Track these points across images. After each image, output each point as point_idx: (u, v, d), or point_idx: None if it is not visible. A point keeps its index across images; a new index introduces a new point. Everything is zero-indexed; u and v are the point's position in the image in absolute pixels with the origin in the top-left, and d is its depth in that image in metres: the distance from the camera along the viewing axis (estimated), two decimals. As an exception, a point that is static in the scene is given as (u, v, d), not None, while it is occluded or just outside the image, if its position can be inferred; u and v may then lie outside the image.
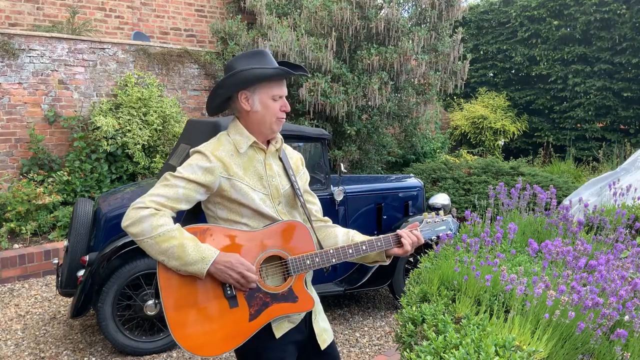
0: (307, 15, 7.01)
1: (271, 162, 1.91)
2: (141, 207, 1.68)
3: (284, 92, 1.87)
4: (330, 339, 1.99)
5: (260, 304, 1.74)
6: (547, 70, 11.08)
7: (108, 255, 3.45)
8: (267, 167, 1.88)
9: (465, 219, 2.98)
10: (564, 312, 1.85)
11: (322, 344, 1.94)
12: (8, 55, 6.28)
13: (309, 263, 1.80)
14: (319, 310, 2.00)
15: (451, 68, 7.47)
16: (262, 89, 1.83)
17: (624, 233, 2.77)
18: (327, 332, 1.99)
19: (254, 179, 1.84)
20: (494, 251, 2.65)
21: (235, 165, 1.82)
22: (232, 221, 1.83)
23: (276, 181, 1.89)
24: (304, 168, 2.06)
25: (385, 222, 4.45)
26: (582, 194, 5.20)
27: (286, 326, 1.84)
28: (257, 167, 1.86)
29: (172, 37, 9.14)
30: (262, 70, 1.81)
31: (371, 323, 4.24)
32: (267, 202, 1.84)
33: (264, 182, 1.86)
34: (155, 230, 1.66)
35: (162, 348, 3.66)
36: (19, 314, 4.33)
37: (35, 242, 5.61)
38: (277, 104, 1.85)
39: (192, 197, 1.76)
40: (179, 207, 1.75)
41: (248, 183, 1.82)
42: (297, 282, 1.80)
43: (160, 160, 6.80)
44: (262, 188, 1.85)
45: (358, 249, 1.84)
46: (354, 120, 7.12)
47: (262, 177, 1.86)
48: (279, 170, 1.93)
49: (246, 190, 1.80)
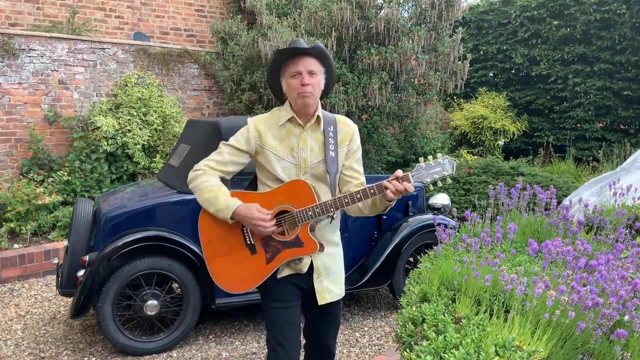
0: (307, 15, 7.01)
1: (307, 137, 2.17)
2: (196, 170, 2.19)
3: (299, 69, 2.09)
4: (332, 299, 2.22)
5: (274, 250, 2.13)
6: (547, 70, 11.08)
7: (108, 255, 3.45)
8: (301, 141, 2.17)
9: (465, 219, 2.98)
10: (564, 312, 1.85)
11: (321, 300, 2.20)
12: (8, 55, 6.28)
13: (310, 214, 2.08)
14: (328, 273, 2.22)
15: (451, 68, 7.46)
16: (286, 72, 2.13)
17: (624, 233, 2.77)
18: (332, 292, 2.22)
19: (286, 150, 2.16)
20: (494, 251, 2.65)
21: (272, 135, 2.17)
22: (261, 181, 2.23)
23: (305, 154, 2.16)
24: (350, 144, 2.23)
25: (385, 222, 4.45)
26: (582, 194, 5.20)
27: (286, 271, 2.18)
28: (291, 140, 2.17)
29: (172, 37, 9.14)
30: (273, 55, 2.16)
31: (371, 323, 4.24)
32: (292, 170, 2.16)
33: (294, 153, 2.16)
34: (202, 184, 2.14)
35: (162, 348, 3.66)
36: (19, 314, 4.33)
37: (35, 242, 5.61)
38: (296, 81, 2.09)
39: (237, 160, 2.20)
40: (227, 169, 2.19)
41: (278, 152, 2.15)
42: (303, 230, 2.11)
43: (160, 160, 6.80)
44: (291, 158, 2.16)
45: (353, 198, 2.06)
46: (354, 120, 7.12)
47: (294, 149, 2.16)
48: (314, 145, 2.17)
49: (272, 158, 2.15)
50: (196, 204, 3.79)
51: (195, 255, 3.63)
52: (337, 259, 2.29)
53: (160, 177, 4.33)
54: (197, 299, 3.69)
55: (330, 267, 2.24)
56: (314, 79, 2.10)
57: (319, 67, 2.14)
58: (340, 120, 2.24)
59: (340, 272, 2.29)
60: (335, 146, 2.17)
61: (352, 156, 2.24)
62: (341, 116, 2.28)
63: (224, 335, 3.96)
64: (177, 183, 3.87)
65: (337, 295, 2.24)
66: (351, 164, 2.23)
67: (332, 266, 2.24)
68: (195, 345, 3.80)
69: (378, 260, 4.21)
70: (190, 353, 3.68)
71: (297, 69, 2.08)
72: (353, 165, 2.24)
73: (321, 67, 2.15)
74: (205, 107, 8.16)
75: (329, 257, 2.24)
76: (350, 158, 2.24)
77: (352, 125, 2.26)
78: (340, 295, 2.27)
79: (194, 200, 3.78)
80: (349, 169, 2.23)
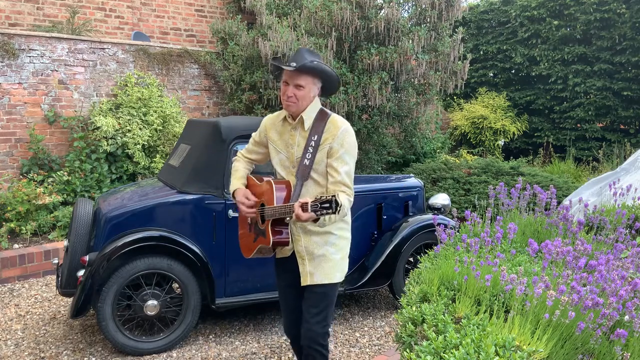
0: (307, 15, 7.01)
1: (295, 134, 2.47)
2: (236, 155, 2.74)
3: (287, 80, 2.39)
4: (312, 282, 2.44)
5: (257, 233, 2.54)
6: (547, 70, 11.08)
7: (108, 255, 3.45)
8: (291, 137, 2.48)
9: (465, 219, 2.98)
10: (564, 312, 1.85)
11: (303, 282, 2.48)
12: (8, 55, 6.28)
13: (268, 213, 2.40)
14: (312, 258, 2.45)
15: (451, 68, 7.46)
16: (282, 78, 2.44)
17: (624, 233, 2.77)
18: (312, 275, 2.45)
19: (283, 144, 2.51)
20: (494, 251, 2.65)
21: (275, 131, 2.55)
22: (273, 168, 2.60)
23: (293, 150, 2.47)
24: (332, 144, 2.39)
25: (385, 222, 4.44)
26: (582, 194, 5.20)
27: (281, 253, 2.56)
28: (286, 136, 2.51)
29: (172, 37, 9.14)
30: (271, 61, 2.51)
31: (371, 323, 4.24)
32: (286, 163, 2.50)
33: (288, 147, 2.49)
34: (232, 168, 2.70)
35: (162, 348, 3.66)
36: (19, 314, 4.33)
37: (35, 242, 5.61)
38: (283, 88, 2.42)
39: (256, 150, 2.67)
40: (251, 157, 2.69)
41: (277, 146, 2.53)
42: (267, 223, 2.43)
43: (160, 160, 6.80)
44: (285, 152, 2.51)
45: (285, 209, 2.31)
46: (354, 120, 7.12)
47: (288, 144, 2.50)
48: (301, 142, 2.44)
49: (272, 150, 2.56)
50: (196, 203, 3.82)
51: (195, 255, 3.64)
52: (326, 247, 2.45)
53: (160, 177, 4.33)
54: (197, 299, 3.69)
55: (313, 252, 2.45)
56: (300, 91, 2.37)
57: (309, 80, 2.38)
58: (331, 120, 2.44)
59: (325, 257, 2.46)
60: (316, 144, 2.39)
61: (333, 154, 2.39)
62: (336, 116, 2.46)
63: (224, 335, 3.96)
64: (177, 183, 3.87)
65: (317, 279, 2.44)
66: (331, 162, 2.39)
67: (315, 252, 2.45)
68: (195, 345, 3.80)
69: (378, 260, 4.21)
70: (190, 353, 3.68)
71: (286, 80, 2.39)
72: (332, 163, 2.38)
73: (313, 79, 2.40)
74: (205, 107, 8.16)
75: (314, 244, 2.45)
76: (331, 155, 2.39)
77: (340, 125, 2.41)
78: (322, 281, 2.44)
79: (194, 200, 3.79)
80: (328, 166, 2.40)
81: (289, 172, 2.48)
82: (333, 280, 2.47)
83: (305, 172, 2.41)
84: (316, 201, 2.15)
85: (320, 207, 2.14)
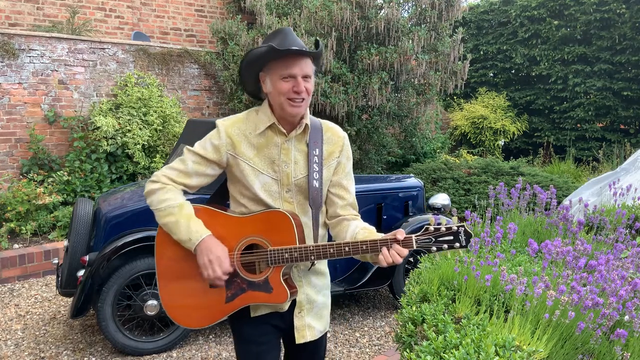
0: (307, 15, 7.01)
1: (290, 147, 1.82)
2: (153, 181, 1.82)
3: (294, 72, 1.73)
4: (312, 338, 1.90)
5: (238, 288, 1.78)
6: (547, 70, 11.08)
7: (108, 255, 3.45)
8: (283, 152, 1.81)
9: (465, 219, 2.98)
10: (564, 312, 1.85)
11: (300, 338, 1.88)
12: (8, 55, 6.28)
13: (287, 257, 1.73)
14: (312, 307, 1.91)
15: (451, 68, 7.46)
16: (273, 69, 1.76)
17: (624, 233, 2.77)
18: (312, 329, 1.90)
19: (265, 162, 1.81)
20: (494, 251, 2.66)
21: (247, 144, 1.81)
22: (234, 198, 1.87)
23: (289, 168, 1.81)
24: (340, 158, 1.90)
25: (385, 222, 4.45)
26: (582, 194, 5.19)
27: (263, 309, 1.84)
28: (271, 150, 1.81)
29: (172, 37, 9.14)
30: (259, 48, 1.73)
31: (371, 323, 4.24)
32: (273, 187, 1.81)
33: (275, 166, 1.81)
34: (160, 204, 1.78)
35: (162, 348, 3.66)
36: (19, 314, 4.33)
37: (35, 242, 5.61)
38: (288, 84, 1.74)
39: (203, 171, 1.82)
40: (190, 181, 1.82)
41: (255, 165, 1.80)
42: (275, 273, 1.76)
43: (160, 160, 6.80)
44: (271, 172, 1.81)
45: (341, 250, 1.72)
46: (354, 120, 7.13)
47: (275, 161, 1.81)
48: (299, 157, 1.83)
49: (248, 172, 1.80)
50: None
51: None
52: (324, 291, 1.97)
53: (160, 177, 4.33)
54: (197, 299, 3.68)
55: (315, 300, 1.91)
56: (308, 83, 1.76)
57: (312, 68, 1.81)
58: (328, 129, 1.90)
59: (325, 304, 1.97)
60: (320, 159, 1.84)
61: (341, 170, 1.90)
62: (329, 122, 1.94)
63: (224, 335, 3.96)
64: (177, 183, 3.86)
65: (318, 332, 1.93)
66: (339, 180, 1.90)
67: (317, 299, 1.92)
68: (195, 345, 3.80)
69: (378, 260, 4.20)
70: (190, 353, 3.68)
71: (291, 72, 1.72)
72: (342, 182, 1.90)
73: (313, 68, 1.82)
74: (205, 107, 8.16)
75: (314, 289, 1.92)
76: (339, 173, 1.90)
77: (342, 134, 1.93)
78: (323, 331, 1.96)
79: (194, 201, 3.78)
80: (336, 186, 1.89)
81: (280, 199, 1.83)
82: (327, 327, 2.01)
83: (317, 197, 1.83)
84: (429, 233, 1.70)
85: (438, 242, 1.68)
